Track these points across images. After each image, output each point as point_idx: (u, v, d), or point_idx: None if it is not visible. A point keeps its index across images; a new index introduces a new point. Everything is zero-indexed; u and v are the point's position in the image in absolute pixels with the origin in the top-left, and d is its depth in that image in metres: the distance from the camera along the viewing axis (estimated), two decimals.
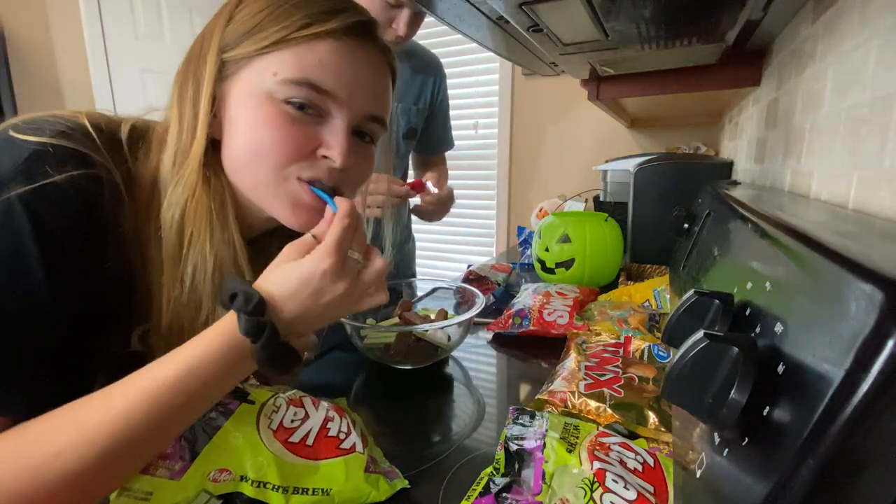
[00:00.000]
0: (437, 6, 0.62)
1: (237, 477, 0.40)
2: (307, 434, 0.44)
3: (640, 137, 1.81)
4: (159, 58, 2.09)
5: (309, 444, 0.43)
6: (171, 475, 0.39)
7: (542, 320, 0.82)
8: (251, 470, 0.40)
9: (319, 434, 0.45)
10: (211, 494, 0.39)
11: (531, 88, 1.94)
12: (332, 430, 0.46)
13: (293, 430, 0.44)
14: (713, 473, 0.27)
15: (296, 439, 0.43)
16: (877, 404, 0.16)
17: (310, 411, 0.47)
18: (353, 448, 0.44)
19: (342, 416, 0.48)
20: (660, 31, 0.64)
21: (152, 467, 0.39)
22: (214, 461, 0.40)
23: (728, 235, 0.46)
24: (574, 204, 1.65)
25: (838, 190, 0.46)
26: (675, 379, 0.26)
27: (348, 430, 0.46)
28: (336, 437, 0.45)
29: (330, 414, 0.47)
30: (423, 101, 1.08)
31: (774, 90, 0.75)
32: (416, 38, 2.13)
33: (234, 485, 0.39)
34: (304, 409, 0.47)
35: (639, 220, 1.06)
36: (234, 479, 0.40)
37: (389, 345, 0.71)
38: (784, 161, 0.66)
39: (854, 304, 0.18)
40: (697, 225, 0.68)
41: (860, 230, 0.32)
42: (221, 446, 0.41)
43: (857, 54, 0.43)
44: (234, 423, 0.42)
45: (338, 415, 0.47)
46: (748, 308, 0.30)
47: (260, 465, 0.40)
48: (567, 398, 0.55)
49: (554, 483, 0.40)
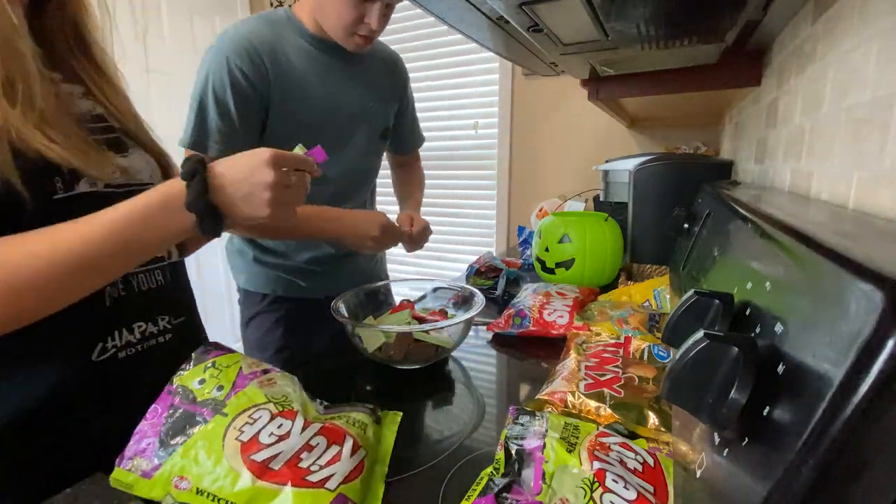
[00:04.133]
0: (438, 6, 0.62)
1: (194, 489, 0.41)
2: (276, 456, 0.41)
3: (639, 137, 1.81)
4: (160, 58, 2.09)
5: (273, 467, 0.41)
6: (143, 474, 0.42)
7: (542, 320, 0.82)
8: (208, 482, 0.41)
9: (291, 460, 0.42)
10: (174, 499, 0.41)
11: (531, 88, 1.94)
12: (306, 460, 0.42)
13: (263, 447, 0.42)
14: (713, 473, 0.27)
15: (259, 458, 0.41)
16: (877, 404, 0.16)
17: (294, 431, 0.44)
18: (322, 483, 0.41)
19: (340, 443, 0.44)
20: (659, 31, 0.64)
21: (131, 463, 0.43)
22: (179, 468, 0.42)
23: (728, 235, 0.46)
24: (574, 204, 1.65)
25: (838, 190, 0.46)
26: (675, 379, 0.26)
27: (333, 460, 0.43)
28: (306, 468, 0.42)
29: (314, 441, 0.44)
30: (393, 100, 1.06)
31: (774, 90, 0.75)
32: (417, 39, 2.13)
33: (191, 496, 0.41)
34: (292, 425, 0.44)
35: (639, 220, 1.06)
36: (191, 490, 0.41)
37: (389, 345, 0.71)
38: (784, 161, 0.66)
39: (854, 304, 0.18)
40: (697, 225, 0.68)
41: (860, 230, 0.32)
42: (186, 454, 0.42)
43: (857, 54, 0.43)
44: (203, 434, 0.43)
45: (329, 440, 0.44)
46: (748, 308, 0.30)
47: (216, 478, 0.41)
48: (567, 398, 0.55)
49: (554, 483, 0.40)
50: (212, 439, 0.42)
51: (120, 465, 0.43)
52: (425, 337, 0.72)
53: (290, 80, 0.86)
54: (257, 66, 0.82)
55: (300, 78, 0.87)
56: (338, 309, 0.73)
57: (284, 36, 0.87)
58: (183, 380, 0.47)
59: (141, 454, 0.43)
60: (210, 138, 0.82)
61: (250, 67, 0.81)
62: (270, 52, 0.84)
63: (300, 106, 0.88)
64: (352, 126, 0.96)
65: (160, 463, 0.42)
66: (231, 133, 0.82)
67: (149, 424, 0.44)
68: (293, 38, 0.88)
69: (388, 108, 1.04)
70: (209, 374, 0.48)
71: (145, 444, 0.43)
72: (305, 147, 0.56)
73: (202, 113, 0.81)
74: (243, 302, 1.06)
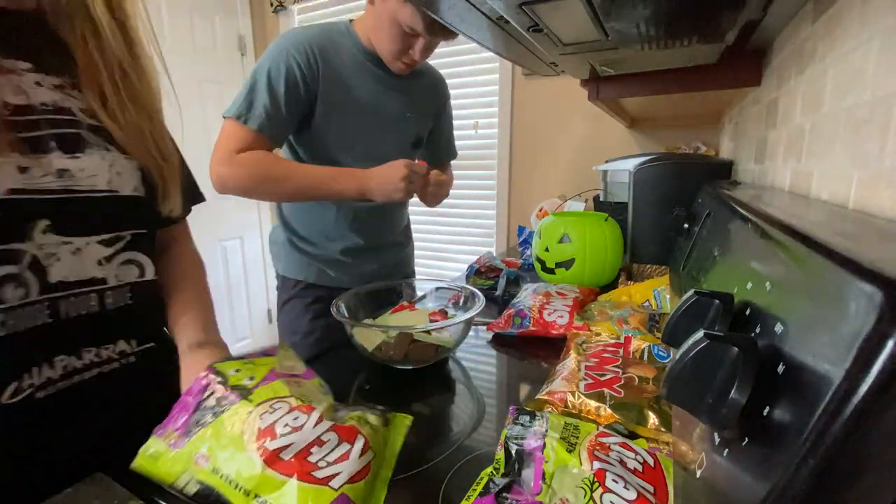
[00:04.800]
0: (437, 6, 0.62)
1: (212, 468, 0.42)
2: (287, 447, 0.42)
3: (639, 137, 1.81)
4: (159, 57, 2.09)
5: (284, 457, 0.41)
6: (172, 444, 0.44)
7: (542, 320, 0.82)
8: (224, 463, 0.42)
9: (301, 452, 0.42)
10: (193, 476, 0.43)
11: (531, 88, 1.94)
12: (316, 455, 0.42)
13: (277, 436, 0.42)
14: (713, 473, 0.27)
15: (272, 446, 0.42)
16: (877, 404, 0.16)
17: (307, 425, 0.44)
18: (327, 480, 0.41)
19: (351, 442, 0.44)
20: (660, 31, 0.64)
21: (165, 431, 0.45)
22: (202, 446, 0.43)
23: (728, 235, 0.46)
24: (574, 204, 1.65)
25: (838, 190, 0.46)
26: (675, 379, 0.26)
27: (341, 458, 0.43)
28: (314, 463, 0.42)
29: (326, 437, 0.44)
30: (429, 115, 1.16)
31: (774, 90, 0.75)
32: None
33: (207, 474, 0.42)
34: (307, 419, 0.45)
35: (638, 220, 1.06)
36: (209, 469, 0.42)
37: (389, 344, 0.71)
38: (784, 161, 0.66)
39: (854, 304, 0.18)
40: (697, 225, 0.68)
41: (860, 230, 0.32)
42: (209, 434, 0.44)
43: (857, 54, 0.43)
44: (228, 416, 0.44)
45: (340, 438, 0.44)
46: (748, 308, 0.30)
47: (232, 461, 0.42)
48: (567, 398, 0.55)
49: (554, 483, 0.40)
50: (234, 422, 0.44)
51: (156, 433, 0.46)
52: (425, 337, 0.72)
53: (337, 79, 0.97)
54: (311, 62, 0.93)
55: (347, 79, 0.98)
56: (339, 308, 0.73)
57: (340, 43, 0.99)
58: (221, 367, 0.50)
59: (175, 426, 0.46)
60: (253, 112, 0.90)
61: (305, 62, 0.92)
62: (323, 53, 0.95)
63: (343, 102, 0.99)
64: (386, 130, 1.07)
65: (188, 439, 0.44)
66: (274, 114, 0.90)
67: (191, 399, 0.47)
68: (347, 47, 0.99)
69: (425, 121, 1.15)
70: (245, 366, 0.51)
71: (182, 419, 0.46)
72: None
73: (253, 90, 0.90)
74: (280, 287, 1.17)
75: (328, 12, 2.33)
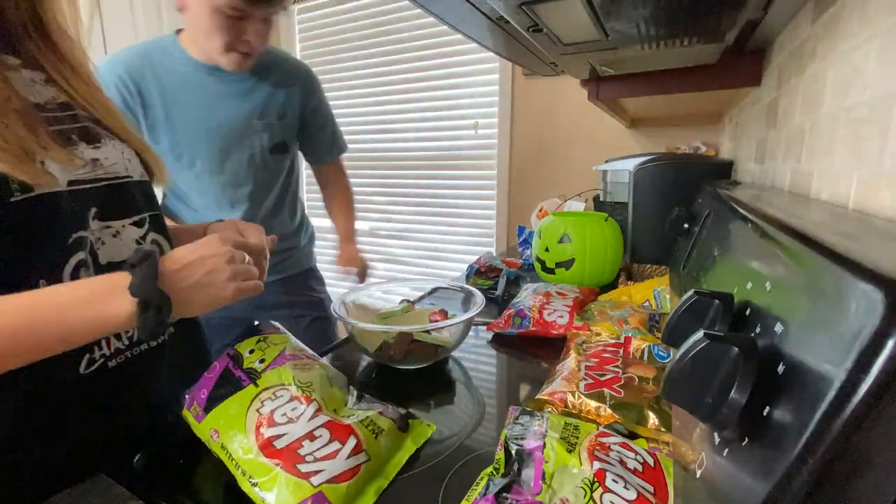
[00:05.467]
0: (438, 6, 0.62)
1: (221, 443, 0.45)
2: (281, 436, 0.44)
3: (640, 137, 1.81)
4: None
5: (276, 445, 0.43)
6: (196, 417, 0.49)
7: (542, 320, 0.82)
8: (230, 442, 0.45)
9: (293, 444, 0.43)
10: (209, 447, 0.47)
11: (531, 88, 1.94)
12: (306, 448, 0.43)
13: (274, 424, 0.45)
14: (713, 473, 0.27)
15: (268, 434, 0.44)
16: (877, 404, 0.16)
17: (303, 417, 0.45)
18: (308, 476, 0.41)
19: (343, 441, 0.44)
20: (660, 31, 0.64)
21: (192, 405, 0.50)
22: (216, 422, 0.47)
23: (728, 235, 0.46)
24: (574, 204, 1.65)
25: (838, 190, 0.46)
26: (675, 379, 0.26)
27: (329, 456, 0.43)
28: (302, 456, 0.42)
29: (318, 432, 0.44)
30: (290, 115, 1.08)
31: (774, 90, 0.75)
32: (417, 39, 2.13)
33: (218, 449, 0.45)
34: (304, 411, 0.46)
35: (639, 220, 1.06)
36: (219, 444, 0.45)
37: (389, 344, 0.71)
38: (784, 161, 0.66)
39: (854, 304, 0.18)
40: (697, 225, 0.68)
41: (860, 230, 0.32)
42: (221, 412, 0.47)
43: (857, 54, 0.43)
44: (238, 397, 0.48)
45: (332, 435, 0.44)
46: (748, 308, 0.30)
47: (236, 440, 0.45)
48: (567, 398, 0.55)
49: (554, 483, 0.40)
50: (241, 405, 0.47)
51: (186, 405, 0.50)
52: (425, 337, 0.72)
53: (160, 98, 0.93)
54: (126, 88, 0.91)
55: (173, 94, 0.94)
56: (339, 308, 0.73)
57: (159, 62, 0.94)
58: (240, 347, 0.53)
59: (199, 401, 0.49)
60: None
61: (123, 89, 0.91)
62: (136, 77, 0.92)
63: (167, 120, 0.95)
64: (228, 142, 1.00)
65: (206, 414, 0.48)
66: None
67: (212, 377, 0.50)
68: (170, 64, 0.95)
69: (284, 122, 1.07)
70: (258, 346, 0.53)
71: (203, 394, 0.49)
72: None
73: None
74: None
75: (328, 12, 2.33)
